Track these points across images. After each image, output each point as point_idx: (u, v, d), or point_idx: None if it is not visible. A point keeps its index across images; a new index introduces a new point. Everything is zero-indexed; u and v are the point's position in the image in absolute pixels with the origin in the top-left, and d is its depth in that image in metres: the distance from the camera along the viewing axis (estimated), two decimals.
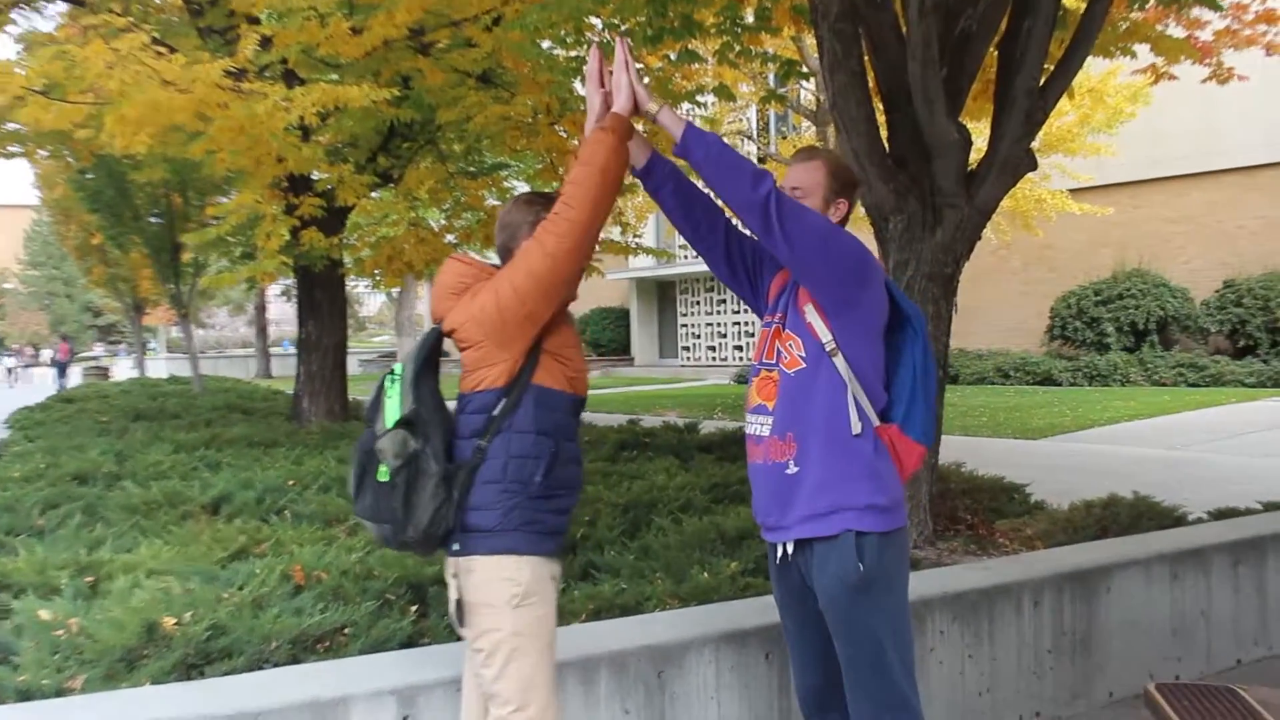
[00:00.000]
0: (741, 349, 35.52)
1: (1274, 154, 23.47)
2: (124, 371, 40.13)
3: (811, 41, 11.53)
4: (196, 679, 3.58)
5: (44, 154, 14.85)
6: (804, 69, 10.34)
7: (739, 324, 35.65)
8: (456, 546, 2.80)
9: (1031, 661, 4.59)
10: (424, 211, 13.38)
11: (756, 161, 20.36)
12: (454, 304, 2.90)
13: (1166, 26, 8.26)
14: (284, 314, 60.24)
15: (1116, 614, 4.88)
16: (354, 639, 3.94)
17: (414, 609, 4.34)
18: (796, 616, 3.11)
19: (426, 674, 3.30)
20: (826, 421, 2.92)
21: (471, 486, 2.78)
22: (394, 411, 2.79)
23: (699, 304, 37.47)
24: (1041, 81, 6.01)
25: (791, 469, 2.94)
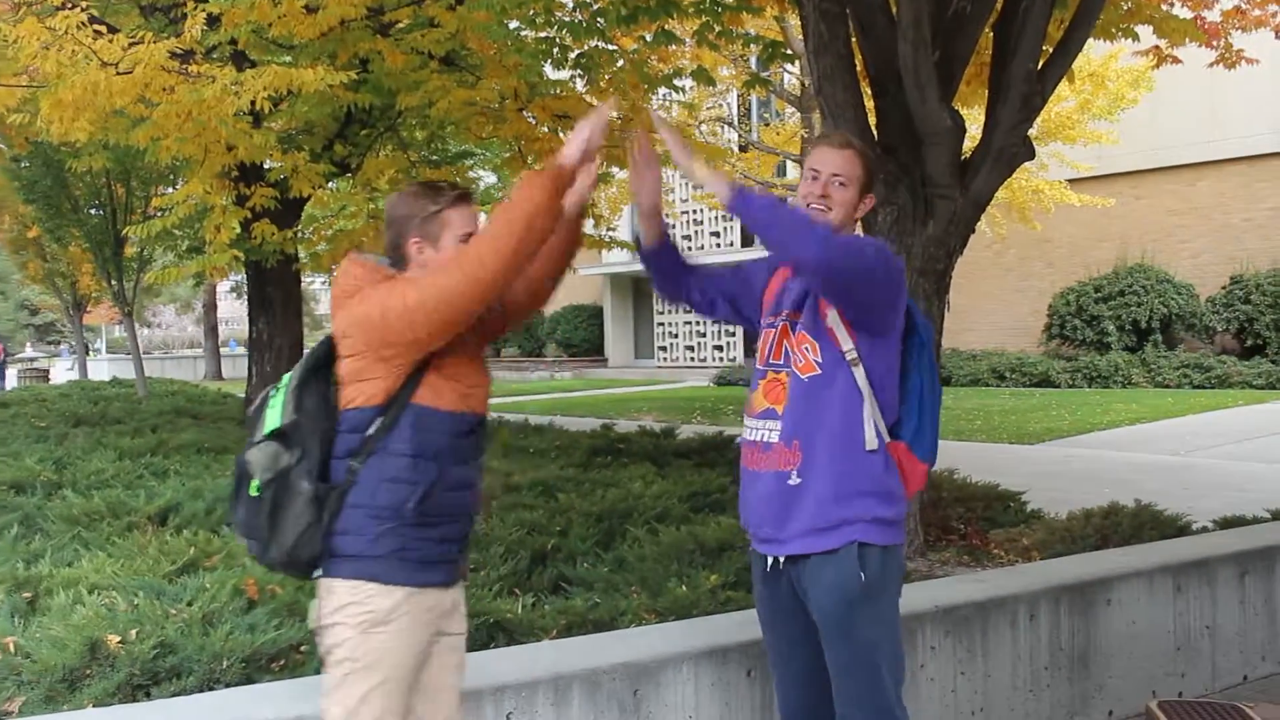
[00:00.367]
0: (722, 349, 35.55)
1: None
2: (64, 373, 39.85)
3: (796, 22, 11.55)
4: (143, 700, 3.58)
5: None
6: (788, 51, 10.33)
7: (719, 323, 35.54)
8: (319, 572, 2.73)
9: (1027, 678, 4.62)
10: (384, 203, 13.30)
11: (738, 149, 20.35)
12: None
13: (1171, 7, 8.31)
14: (234, 312, 60.07)
15: (1117, 628, 4.91)
16: (310, 657, 3.93)
17: None
18: (785, 632, 3.13)
19: None
20: (839, 433, 2.95)
21: (340, 510, 2.70)
22: (272, 422, 2.72)
23: None
24: (1039, 65, 6.04)
25: (794, 480, 2.96)
